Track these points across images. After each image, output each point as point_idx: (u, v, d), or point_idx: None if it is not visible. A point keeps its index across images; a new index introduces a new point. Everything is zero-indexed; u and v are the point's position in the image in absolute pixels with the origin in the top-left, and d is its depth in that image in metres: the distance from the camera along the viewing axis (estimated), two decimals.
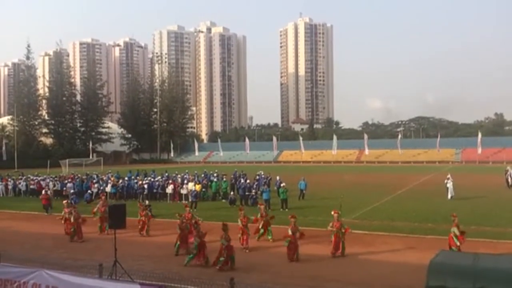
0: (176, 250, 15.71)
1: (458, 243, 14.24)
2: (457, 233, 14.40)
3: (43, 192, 28.59)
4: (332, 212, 15.67)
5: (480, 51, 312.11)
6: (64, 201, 20.60)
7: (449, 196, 29.01)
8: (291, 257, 14.65)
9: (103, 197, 22.40)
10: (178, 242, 15.80)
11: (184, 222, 16.54)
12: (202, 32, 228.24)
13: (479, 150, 76.08)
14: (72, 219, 18.59)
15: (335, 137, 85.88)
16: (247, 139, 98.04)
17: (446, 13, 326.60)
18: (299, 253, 14.82)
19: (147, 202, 26.04)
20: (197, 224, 15.51)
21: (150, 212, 23.97)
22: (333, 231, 15.09)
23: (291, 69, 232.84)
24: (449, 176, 30.54)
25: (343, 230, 15.16)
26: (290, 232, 14.97)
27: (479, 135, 78.37)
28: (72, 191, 30.93)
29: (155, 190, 31.74)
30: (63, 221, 19.20)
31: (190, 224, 16.42)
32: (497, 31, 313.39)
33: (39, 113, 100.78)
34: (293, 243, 14.77)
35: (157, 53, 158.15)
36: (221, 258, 13.71)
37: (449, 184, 29.48)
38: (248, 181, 31.96)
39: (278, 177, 33.31)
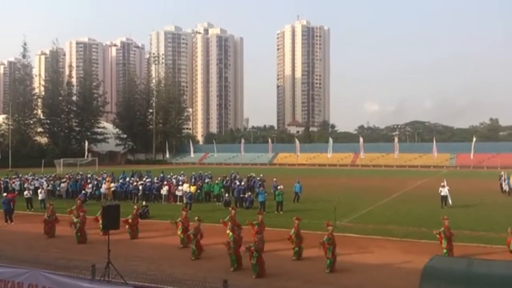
0: (194, 254, 15.18)
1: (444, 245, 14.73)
2: (442, 234, 14.92)
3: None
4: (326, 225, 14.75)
5: (477, 56, 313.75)
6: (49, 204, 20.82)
7: (447, 203, 26.89)
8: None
9: (78, 202, 21.46)
10: (195, 247, 15.23)
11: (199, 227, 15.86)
12: (199, 33, 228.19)
13: (472, 155, 76.37)
14: (46, 216, 19.21)
15: (330, 140, 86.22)
16: (242, 141, 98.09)
17: (441, 19, 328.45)
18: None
19: (144, 203, 26.03)
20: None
21: (147, 213, 24.12)
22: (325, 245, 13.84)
23: (287, 71, 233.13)
24: (443, 183, 28.47)
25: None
26: (293, 233, 15.12)
27: (474, 140, 78.74)
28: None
29: (147, 192, 31.52)
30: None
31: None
32: (496, 36, 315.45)
33: (34, 112, 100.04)
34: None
35: (153, 53, 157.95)
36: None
37: (444, 192, 27.43)
38: (243, 183, 31.93)
39: (274, 179, 33.40)
